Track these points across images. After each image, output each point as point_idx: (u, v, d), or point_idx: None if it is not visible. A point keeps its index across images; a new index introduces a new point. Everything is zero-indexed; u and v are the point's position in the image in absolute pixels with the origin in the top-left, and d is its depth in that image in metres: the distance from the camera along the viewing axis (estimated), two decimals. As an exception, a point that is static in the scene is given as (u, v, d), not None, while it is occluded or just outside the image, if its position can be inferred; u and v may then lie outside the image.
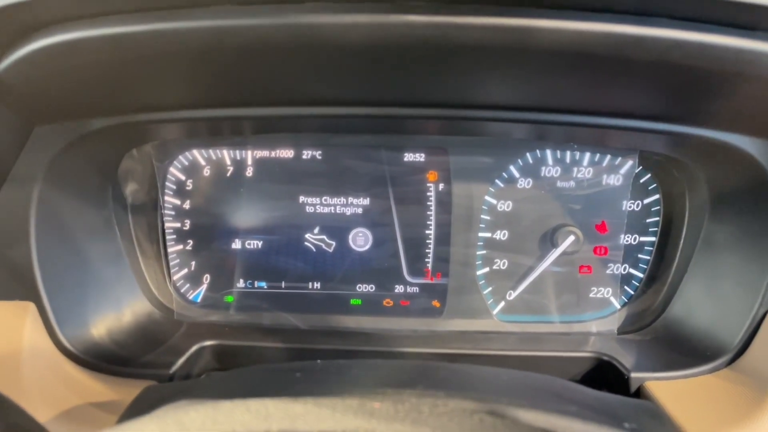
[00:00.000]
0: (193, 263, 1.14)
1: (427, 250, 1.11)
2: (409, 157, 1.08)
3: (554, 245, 1.07)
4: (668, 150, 0.97)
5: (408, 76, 0.74)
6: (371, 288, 1.13)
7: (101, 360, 0.89)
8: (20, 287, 0.85)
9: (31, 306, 0.85)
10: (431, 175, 1.09)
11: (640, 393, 0.89)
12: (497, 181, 1.08)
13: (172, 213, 1.11)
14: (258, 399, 0.47)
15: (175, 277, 1.14)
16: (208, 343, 1.00)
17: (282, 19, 0.60)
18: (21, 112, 0.78)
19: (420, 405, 0.48)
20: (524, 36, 0.61)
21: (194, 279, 1.14)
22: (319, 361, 0.74)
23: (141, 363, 0.92)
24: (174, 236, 1.12)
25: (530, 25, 0.59)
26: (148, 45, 0.63)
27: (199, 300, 1.15)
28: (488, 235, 1.10)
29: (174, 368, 0.91)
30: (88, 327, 0.93)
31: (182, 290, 1.14)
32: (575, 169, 1.07)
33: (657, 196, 1.09)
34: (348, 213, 1.11)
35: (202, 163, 1.10)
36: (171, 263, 1.13)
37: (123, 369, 0.89)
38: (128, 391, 0.82)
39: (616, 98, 0.80)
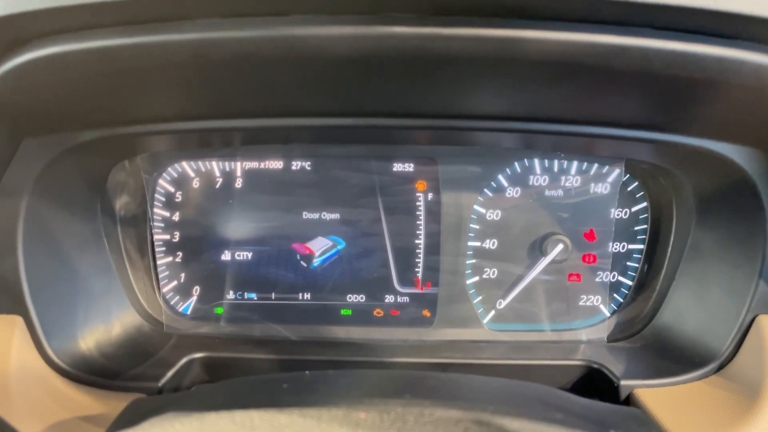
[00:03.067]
0: (183, 275, 1.13)
1: (416, 260, 1.11)
2: (398, 167, 1.09)
3: (543, 253, 1.08)
4: (654, 158, 0.97)
5: (396, 86, 0.74)
6: (361, 298, 1.13)
7: (90, 373, 0.88)
8: (7, 301, 0.85)
9: (18, 320, 0.85)
10: (420, 185, 1.09)
11: (630, 400, 0.89)
12: (486, 190, 1.08)
13: (162, 225, 1.11)
14: (244, 410, 0.47)
15: (164, 290, 1.13)
16: (197, 355, 0.99)
17: (268, 31, 0.60)
18: (9, 124, 0.78)
19: (406, 414, 0.48)
20: (509, 47, 0.61)
21: (184, 291, 1.14)
22: (307, 372, 0.73)
23: (130, 376, 0.91)
24: (163, 248, 1.12)
25: (515, 36, 0.60)
26: (136, 58, 0.63)
27: (188, 312, 1.14)
28: (477, 244, 1.10)
29: (163, 381, 0.90)
30: (77, 340, 0.93)
31: (172, 302, 1.14)
32: (563, 178, 1.08)
33: (644, 204, 1.09)
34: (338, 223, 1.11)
35: (191, 174, 1.10)
36: (160, 275, 1.13)
37: (112, 382, 0.88)
38: (117, 404, 0.81)
39: (601, 107, 0.81)
